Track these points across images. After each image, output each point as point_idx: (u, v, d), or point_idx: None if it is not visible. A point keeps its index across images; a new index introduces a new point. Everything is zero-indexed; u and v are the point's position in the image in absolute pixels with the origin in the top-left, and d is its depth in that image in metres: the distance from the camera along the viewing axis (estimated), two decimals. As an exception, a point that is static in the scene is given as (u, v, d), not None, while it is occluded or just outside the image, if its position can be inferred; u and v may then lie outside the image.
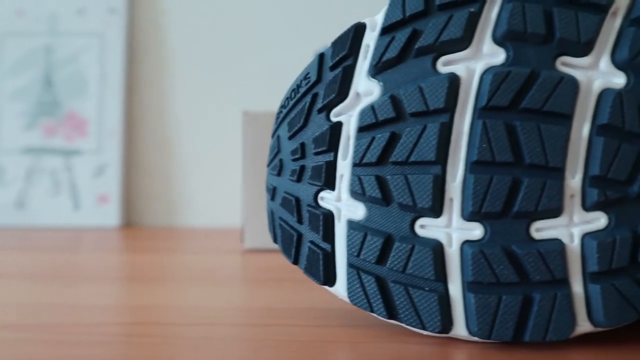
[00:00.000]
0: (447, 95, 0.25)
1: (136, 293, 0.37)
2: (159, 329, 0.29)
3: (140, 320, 0.31)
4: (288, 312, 0.30)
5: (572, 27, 0.24)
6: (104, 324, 0.30)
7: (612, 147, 0.24)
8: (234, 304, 0.34)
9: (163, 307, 0.33)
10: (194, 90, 0.71)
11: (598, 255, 0.24)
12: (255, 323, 0.29)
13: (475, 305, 0.24)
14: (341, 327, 0.28)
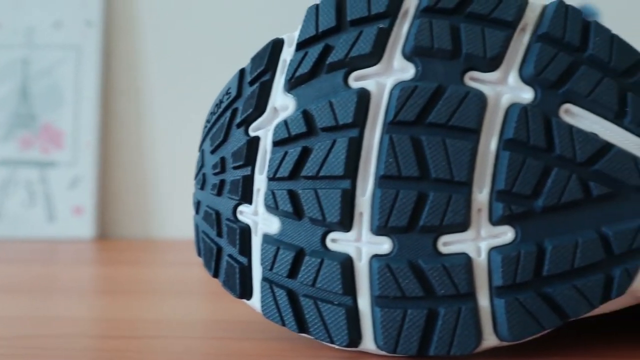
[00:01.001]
0: (355, 110, 0.25)
1: (110, 306, 0.37)
2: (132, 343, 0.29)
3: (113, 333, 0.31)
4: (261, 325, 0.30)
5: (478, 42, 0.25)
6: (77, 337, 0.30)
7: (517, 162, 0.24)
8: (209, 316, 0.34)
9: (137, 320, 0.33)
10: (171, 102, 0.71)
11: (502, 269, 0.24)
12: (228, 336, 0.29)
13: (381, 319, 0.24)
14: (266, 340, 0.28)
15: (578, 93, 0.24)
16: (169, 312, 0.35)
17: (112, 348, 0.28)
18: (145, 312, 0.35)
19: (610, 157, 0.24)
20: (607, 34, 0.25)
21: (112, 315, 0.34)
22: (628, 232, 0.24)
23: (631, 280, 0.24)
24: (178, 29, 0.71)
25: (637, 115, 0.25)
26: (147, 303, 0.37)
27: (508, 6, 0.25)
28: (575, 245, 0.24)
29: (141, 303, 0.37)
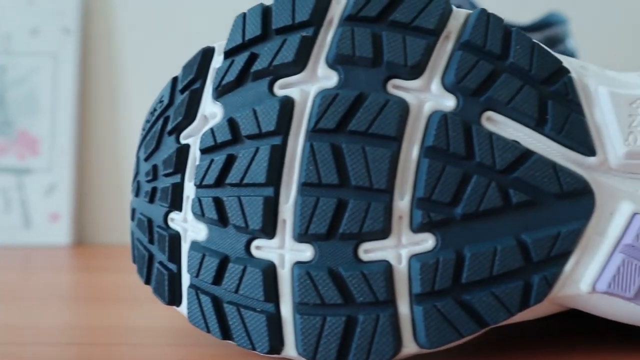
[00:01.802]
0: (278, 118, 0.25)
1: (86, 313, 0.37)
2: (107, 350, 0.29)
3: (88, 341, 0.31)
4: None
5: (399, 50, 0.25)
6: (51, 345, 0.30)
7: (436, 169, 0.24)
8: (185, 324, 0.34)
9: (113, 327, 0.33)
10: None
11: (421, 276, 0.24)
12: (206, 343, 0.29)
13: (301, 326, 0.24)
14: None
15: (499, 101, 0.25)
16: (146, 319, 0.35)
17: (86, 356, 0.28)
18: (121, 319, 0.35)
19: (529, 165, 0.24)
20: (528, 43, 0.25)
21: (88, 322, 0.34)
22: (547, 239, 0.24)
23: (550, 287, 0.24)
24: (156, 37, 0.71)
25: (558, 123, 0.25)
26: (123, 310, 0.37)
27: (430, 14, 0.25)
28: (493, 253, 0.24)
29: (118, 310, 0.37)
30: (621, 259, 0.24)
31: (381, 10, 0.25)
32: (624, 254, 0.24)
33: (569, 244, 0.24)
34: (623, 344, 0.28)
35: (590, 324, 0.29)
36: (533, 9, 0.60)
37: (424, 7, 0.25)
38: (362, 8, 0.25)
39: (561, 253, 0.24)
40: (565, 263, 0.24)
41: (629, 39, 0.68)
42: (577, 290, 0.24)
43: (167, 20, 0.71)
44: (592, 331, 0.30)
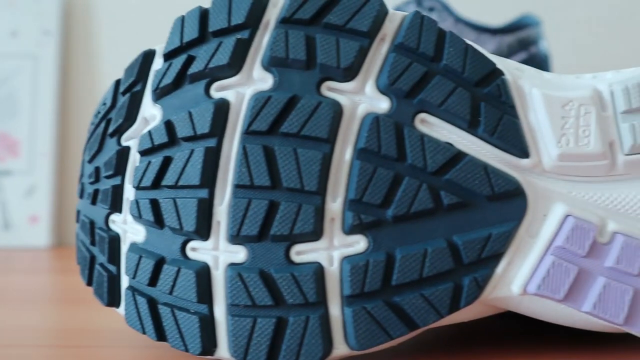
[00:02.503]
0: (212, 120, 0.25)
1: (64, 315, 0.37)
2: (84, 351, 0.29)
3: (65, 342, 0.31)
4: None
5: (332, 52, 0.25)
6: (28, 347, 0.30)
7: (368, 171, 0.24)
8: None
9: (91, 329, 0.33)
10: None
11: (351, 278, 0.24)
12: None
13: (232, 327, 0.24)
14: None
15: (431, 103, 0.25)
16: (124, 322, 0.34)
17: (62, 358, 0.28)
18: (99, 321, 0.35)
19: (461, 167, 0.24)
20: (461, 45, 0.25)
21: (66, 324, 0.34)
22: (478, 241, 0.24)
23: (481, 289, 0.24)
24: (136, 39, 0.72)
25: (490, 125, 0.25)
26: (101, 312, 0.37)
27: (364, 17, 0.25)
28: (424, 255, 0.24)
29: (96, 312, 0.37)
30: (551, 261, 0.24)
31: (315, 12, 0.25)
32: (554, 256, 0.24)
33: (500, 246, 0.24)
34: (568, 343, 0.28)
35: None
36: (506, 10, 0.60)
37: (358, 10, 0.25)
38: (297, 11, 0.25)
39: (492, 255, 0.24)
40: (496, 265, 0.24)
41: (604, 40, 0.68)
42: (508, 292, 0.25)
43: (148, 22, 0.71)
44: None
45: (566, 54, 0.62)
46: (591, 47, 0.68)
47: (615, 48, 0.67)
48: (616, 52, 0.67)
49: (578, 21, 0.68)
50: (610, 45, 0.68)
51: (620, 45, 0.68)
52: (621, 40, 0.68)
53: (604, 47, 0.67)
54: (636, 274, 0.24)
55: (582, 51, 0.66)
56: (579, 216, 0.24)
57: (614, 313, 0.24)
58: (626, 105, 0.25)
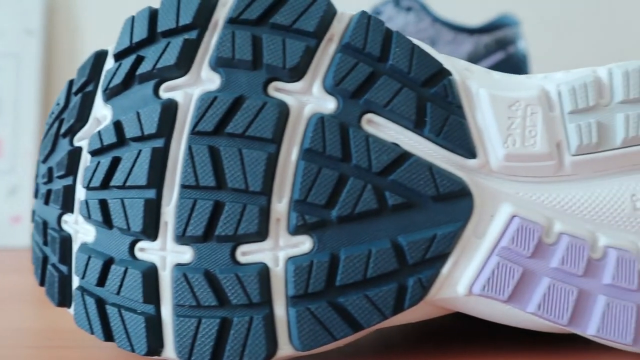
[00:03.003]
0: (159, 120, 0.25)
1: (46, 315, 0.37)
2: (68, 353, 0.29)
3: (48, 343, 0.31)
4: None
5: (278, 53, 0.25)
6: (8, 347, 0.30)
7: (312, 172, 0.24)
8: None
9: (71, 330, 0.33)
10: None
11: (294, 279, 0.24)
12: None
13: (177, 327, 0.24)
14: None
15: (377, 103, 0.25)
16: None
17: (45, 358, 0.28)
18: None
19: (406, 167, 0.24)
20: (408, 45, 0.25)
21: (47, 325, 0.34)
22: (422, 242, 0.24)
23: (425, 290, 0.24)
24: (119, 38, 0.72)
25: (436, 125, 0.25)
26: None
27: (310, 17, 0.25)
28: (368, 255, 0.24)
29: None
30: (496, 262, 0.24)
31: (262, 13, 0.25)
32: (499, 257, 0.24)
33: (445, 247, 0.24)
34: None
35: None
36: (485, 10, 0.60)
37: (305, 10, 0.25)
38: (244, 11, 0.25)
39: (437, 255, 0.24)
40: (442, 265, 0.24)
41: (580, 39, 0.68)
42: (454, 292, 0.24)
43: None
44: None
45: (548, 54, 0.62)
46: (572, 47, 0.67)
47: (596, 49, 0.67)
48: (598, 53, 0.67)
49: (558, 21, 0.68)
50: (591, 46, 0.68)
51: (603, 46, 0.68)
52: (604, 41, 0.68)
53: (585, 47, 0.67)
54: (580, 274, 0.24)
55: (562, 51, 0.66)
56: (525, 217, 0.24)
57: (558, 314, 0.24)
58: (572, 105, 0.25)
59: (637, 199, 0.25)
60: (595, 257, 0.25)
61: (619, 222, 0.25)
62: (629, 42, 0.68)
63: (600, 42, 0.68)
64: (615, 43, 0.68)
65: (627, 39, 0.68)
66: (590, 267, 0.24)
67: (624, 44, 0.68)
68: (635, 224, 0.25)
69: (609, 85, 0.25)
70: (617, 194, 0.25)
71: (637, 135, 0.25)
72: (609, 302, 0.24)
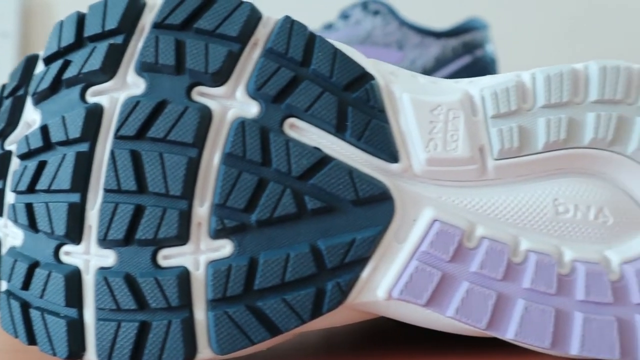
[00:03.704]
0: (83, 125, 0.25)
1: None
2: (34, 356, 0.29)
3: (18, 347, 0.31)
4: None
5: (201, 58, 0.25)
6: None
7: (232, 176, 0.24)
8: None
9: None
10: None
11: (213, 282, 0.24)
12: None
13: (96, 331, 0.24)
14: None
15: (298, 107, 0.25)
16: None
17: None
18: None
19: (326, 172, 0.24)
20: (330, 50, 0.25)
21: None
22: (341, 246, 0.24)
23: (344, 294, 0.24)
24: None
25: (357, 130, 0.25)
26: None
27: (233, 22, 0.25)
28: (286, 259, 0.24)
29: None
30: (415, 266, 0.24)
31: (186, 17, 0.25)
32: (418, 261, 0.24)
33: (364, 251, 0.24)
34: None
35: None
36: (454, 14, 0.60)
37: (228, 15, 0.25)
38: (168, 16, 0.25)
39: (356, 260, 0.24)
40: (361, 270, 0.24)
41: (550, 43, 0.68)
42: (374, 296, 0.25)
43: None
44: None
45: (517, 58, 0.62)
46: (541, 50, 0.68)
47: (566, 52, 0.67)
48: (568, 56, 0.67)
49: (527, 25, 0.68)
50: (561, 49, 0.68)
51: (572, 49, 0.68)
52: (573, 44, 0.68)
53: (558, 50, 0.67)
54: (500, 278, 0.24)
55: (531, 55, 0.66)
56: (446, 221, 0.24)
57: (476, 318, 0.24)
58: (494, 109, 0.25)
59: (559, 203, 0.25)
60: (516, 261, 0.25)
61: (541, 226, 0.25)
62: (599, 45, 0.68)
63: (570, 45, 0.68)
64: (585, 46, 0.68)
65: (597, 42, 0.68)
66: (510, 271, 0.24)
67: (594, 47, 0.68)
68: (557, 228, 0.25)
69: (532, 89, 0.25)
70: (539, 198, 0.25)
71: (558, 139, 0.25)
72: (527, 306, 0.24)
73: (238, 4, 0.25)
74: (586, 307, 0.24)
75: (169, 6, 0.25)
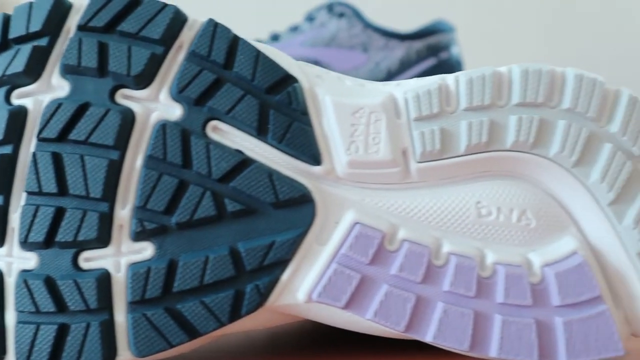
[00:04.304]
0: (6, 127, 0.25)
1: None
2: None
3: None
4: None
5: (123, 60, 0.25)
6: None
7: (152, 178, 0.24)
8: None
9: None
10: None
11: (131, 285, 0.24)
12: None
13: (17, 333, 0.24)
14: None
15: (220, 110, 0.25)
16: None
17: None
18: None
19: (246, 174, 0.24)
20: (252, 52, 0.25)
21: None
22: (260, 249, 0.24)
23: (263, 296, 0.24)
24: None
25: (278, 132, 0.25)
26: None
27: (157, 25, 0.25)
28: (205, 262, 0.24)
29: None
30: (334, 269, 0.24)
31: (110, 20, 0.25)
32: (337, 264, 0.24)
33: (284, 253, 0.24)
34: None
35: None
36: (419, 17, 0.60)
37: (152, 18, 0.25)
38: (92, 18, 0.25)
39: (276, 262, 0.24)
40: (281, 272, 0.24)
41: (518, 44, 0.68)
42: (294, 299, 0.25)
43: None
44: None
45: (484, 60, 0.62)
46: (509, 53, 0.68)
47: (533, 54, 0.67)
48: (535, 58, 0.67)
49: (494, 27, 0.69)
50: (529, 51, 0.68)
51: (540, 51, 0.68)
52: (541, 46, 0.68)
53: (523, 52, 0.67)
54: (419, 281, 0.24)
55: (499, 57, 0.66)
56: (367, 223, 0.25)
57: (395, 320, 0.24)
58: (416, 112, 0.25)
59: (482, 205, 0.25)
60: (438, 264, 0.25)
61: (464, 228, 0.25)
62: (567, 48, 0.68)
63: (537, 48, 0.68)
64: (552, 49, 0.68)
65: (564, 45, 0.68)
66: (430, 273, 0.24)
67: (560, 50, 0.68)
68: (481, 230, 0.25)
69: (455, 92, 0.25)
70: (462, 200, 0.25)
71: (480, 142, 0.25)
72: (446, 308, 0.24)
73: (162, 7, 0.25)
74: (506, 310, 0.24)
75: (93, 8, 0.25)
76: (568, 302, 0.24)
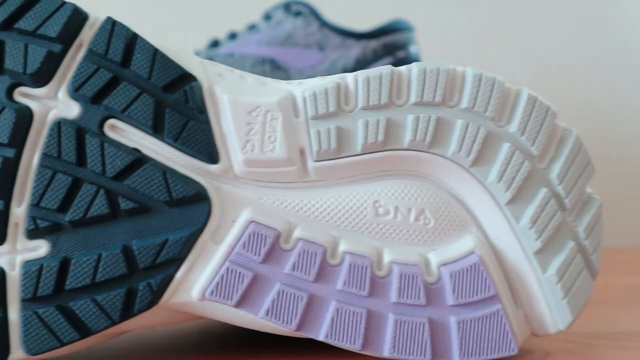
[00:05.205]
0: None
1: None
2: None
3: None
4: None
5: (20, 58, 0.25)
6: None
7: (46, 176, 0.24)
8: None
9: None
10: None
11: (24, 282, 0.24)
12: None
13: None
14: None
15: (115, 109, 0.25)
16: None
17: None
18: None
19: (140, 173, 0.24)
20: (149, 51, 0.25)
21: None
22: (153, 247, 0.24)
23: (156, 294, 0.24)
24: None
25: (174, 131, 0.25)
26: None
27: (54, 23, 0.25)
28: (97, 260, 0.24)
29: None
30: (226, 267, 0.24)
31: (8, 17, 0.25)
32: (230, 262, 0.24)
33: (177, 251, 0.24)
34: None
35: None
36: (377, 16, 0.60)
37: (50, 16, 0.25)
38: (-10, 17, 0.25)
39: (168, 260, 0.24)
40: (175, 270, 0.24)
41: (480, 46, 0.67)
42: (188, 297, 0.25)
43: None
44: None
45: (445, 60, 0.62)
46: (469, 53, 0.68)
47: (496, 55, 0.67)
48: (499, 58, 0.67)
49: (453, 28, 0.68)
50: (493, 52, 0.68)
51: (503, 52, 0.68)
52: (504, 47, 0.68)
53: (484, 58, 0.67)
54: (312, 280, 0.24)
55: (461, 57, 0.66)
56: (261, 222, 0.25)
57: (287, 319, 0.24)
58: (313, 111, 0.25)
59: (380, 205, 0.25)
60: (333, 263, 0.25)
61: (362, 227, 0.25)
62: (528, 48, 0.68)
63: (498, 49, 0.68)
64: (512, 50, 0.68)
65: (526, 45, 0.68)
66: (324, 272, 0.24)
67: (523, 51, 0.68)
68: (379, 229, 0.25)
69: (354, 91, 0.25)
70: (360, 200, 0.25)
71: (376, 141, 0.25)
72: (339, 307, 0.24)
73: (60, 4, 0.25)
74: (399, 309, 0.24)
75: (-8, 6, 0.25)
76: (462, 302, 0.24)
